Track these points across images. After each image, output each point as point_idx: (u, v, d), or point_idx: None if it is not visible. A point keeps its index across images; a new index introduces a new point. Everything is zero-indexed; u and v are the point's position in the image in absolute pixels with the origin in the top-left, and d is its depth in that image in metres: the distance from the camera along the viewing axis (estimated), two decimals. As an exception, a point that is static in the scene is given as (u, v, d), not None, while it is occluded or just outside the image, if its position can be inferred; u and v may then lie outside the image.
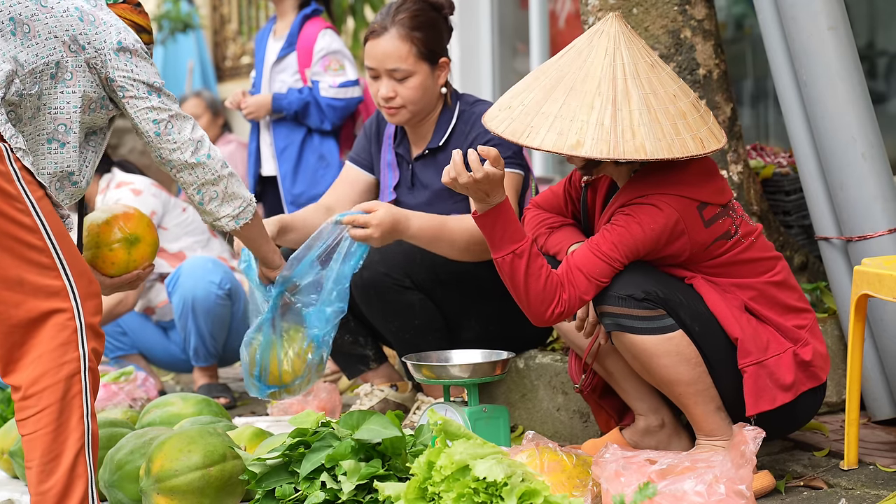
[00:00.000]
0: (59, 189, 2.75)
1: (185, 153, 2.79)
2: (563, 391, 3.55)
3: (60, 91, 2.70)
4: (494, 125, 2.89)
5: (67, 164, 2.73)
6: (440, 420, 2.48)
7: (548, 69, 2.93)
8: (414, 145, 3.66)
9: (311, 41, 5.02)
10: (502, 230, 2.82)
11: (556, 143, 2.80)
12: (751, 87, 6.91)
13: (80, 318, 2.55)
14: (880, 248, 3.34)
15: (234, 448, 2.92)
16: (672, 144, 2.80)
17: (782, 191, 3.96)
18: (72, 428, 2.53)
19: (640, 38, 2.95)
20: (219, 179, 2.85)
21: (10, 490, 3.28)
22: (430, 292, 3.52)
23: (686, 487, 2.52)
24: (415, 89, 3.51)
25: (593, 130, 2.78)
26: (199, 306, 4.45)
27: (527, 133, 2.83)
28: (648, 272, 2.88)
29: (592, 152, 2.77)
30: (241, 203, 2.91)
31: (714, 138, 2.88)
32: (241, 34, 10.90)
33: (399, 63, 3.49)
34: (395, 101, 3.51)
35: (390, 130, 3.71)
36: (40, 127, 2.69)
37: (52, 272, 2.53)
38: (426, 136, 3.62)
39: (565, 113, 2.82)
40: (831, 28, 3.38)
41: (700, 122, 2.88)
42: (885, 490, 2.91)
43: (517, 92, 2.94)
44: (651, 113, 2.81)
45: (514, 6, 7.67)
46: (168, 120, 2.78)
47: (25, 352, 2.53)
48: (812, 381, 2.93)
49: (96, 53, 2.73)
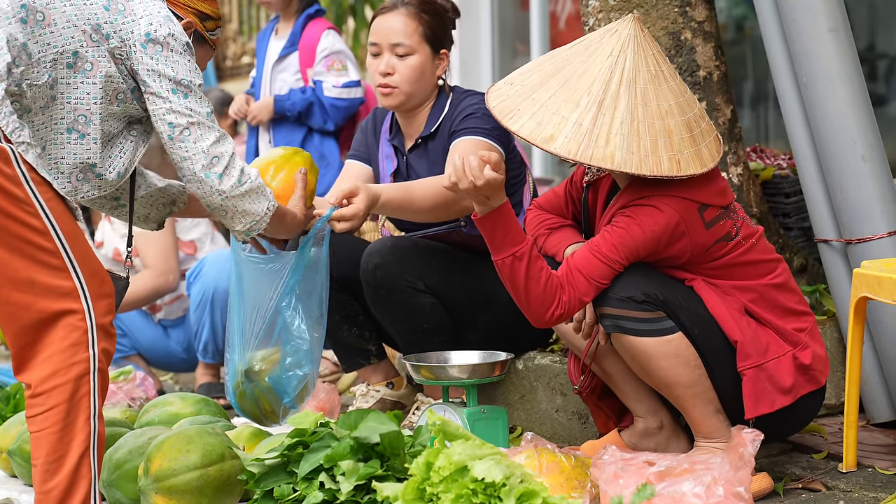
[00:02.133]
0: (82, 180, 2.70)
1: (195, 164, 2.69)
2: (561, 392, 3.55)
3: (80, 81, 2.64)
4: (492, 98, 2.91)
5: (88, 156, 2.67)
6: (439, 421, 2.48)
7: (555, 56, 2.93)
8: (408, 137, 3.68)
9: (313, 41, 5.03)
10: (503, 233, 2.82)
11: (533, 132, 2.81)
12: (751, 89, 6.90)
13: (91, 318, 2.56)
14: (880, 250, 3.34)
15: (232, 448, 2.91)
16: (644, 160, 2.78)
17: (782, 193, 3.96)
18: (78, 428, 2.53)
19: (655, 45, 2.92)
20: (226, 201, 2.75)
21: (8, 489, 3.28)
22: (441, 296, 3.53)
23: (684, 489, 2.52)
24: (413, 69, 3.53)
25: (570, 128, 2.78)
26: (219, 298, 4.48)
27: (511, 114, 2.84)
28: (648, 274, 2.88)
29: (561, 150, 2.78)
30: (252, 219, 2.81)
31: (698, 161, 2.83)
32: (241, 34, 10.90)
33: (403, 38, 3.53)
34: (392, 79, 3.53)
35: (386, 125, 3.73)
36: (57, 116, 2.64)
37: (62, 273, 2.54)
38: (419, 126, 3.64)
39: (551, 104, 2.82)
40: (832, 30, 3.38)
41: (687, 143, 2.84)
42: (884, 492, 2.91)
43: (524, 70, 2.95)
44: (633, 124, 2.80)
45: (514, 7, 7.68)
46: (186, 126, 2.68)
47: (37, 351, 2.55)
48: (811, 384, 2.93)
49: (121, 43, 2.66)
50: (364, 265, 3.50)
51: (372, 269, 3.48)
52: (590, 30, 3.71)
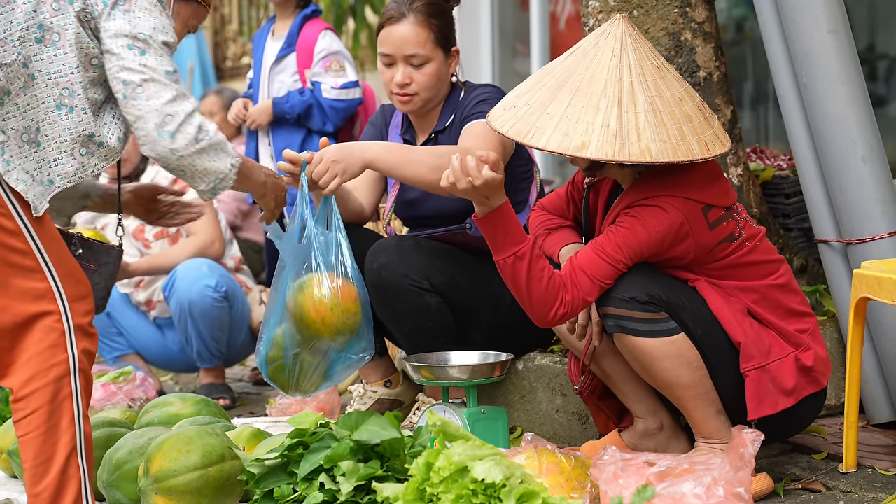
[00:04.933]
0: (86, 154, 2.60)
1: (147, 123, 2.53)
2: (561, 393, 3.55)
3: (54, 55, 2.56)
4: (499, 125, 2.88)
5: (83, 128, 2.58)
6: (439, 421, 2.48)
7: (553, 70, 2.92)
8: (420, 132, 3.67)
9: (311, 42, 5.02)
10: (503, 233, 2.82)
11: (562, 143, 2.79)
12: (751, 90, 6.91)
13: (68, 319, 2.53)
14: (880, 251, 3.34)
15: (232, 448, 2.91)
16: (677, 147, 2.79)
17: (782, 193, 3.96)
18: (62, 430, 2.52)
19: (647, 39, 2.94)
20: (181, 161, 2.58)
21: (8, 490, 3.28)
22: (446, 295, 3.51)
23: (685, 490, 2.52)
24: (430, 76, 3.52)
25: (598, 132, 2.77)
26: (196, 310, 4.46)
27: (532, 133, 2.82)
28: (652, 274, 2.88)
29: (597, 154, 2.76)
30: (215, 177, 2.64)
31: (719, 142, 2.87)
32: (241, 34, 10.90)
33: (418, 48, 3.50)
34: (411, 88, 3.52)
35: (397, 119, 3.72)
36: (42, 95, 2.57)
37: (37, 275, 2.51)
38: (432, 122, 3.63)
39: (571, 114, 2.81)
40: (832, 31, 3.38)
41: (705, 125, 2.87)
42: (884, 493, 2.91)
43: (522, 92, 2.93)
44: (657, 115, 2.81)
45: (514, 7, 7.68)
46: (140, 84, 2.53)
47: (16, 356, 2.53)
48: (813, 386, 2.93)
49: (84, 4, 2.56)
50: (369, 265, 3.47)
51: (377, 268, 3.45)
52: (590, 30, 3.71)
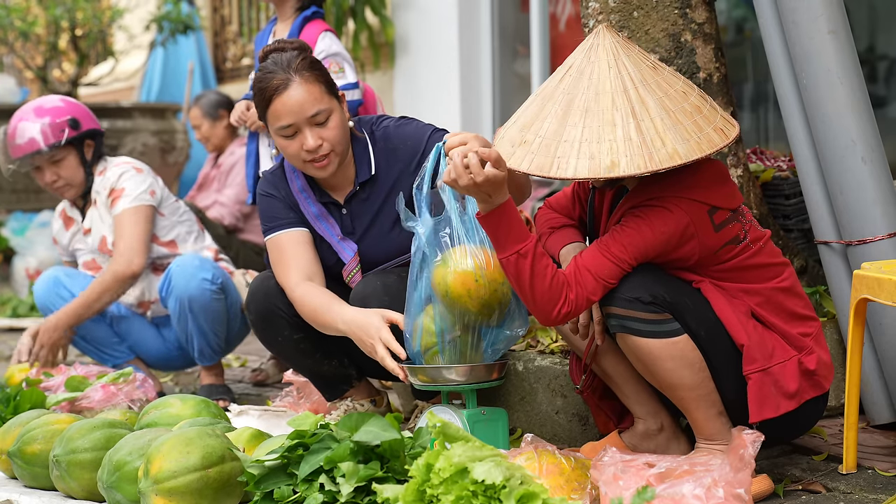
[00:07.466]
0: None
1: None
2: (562, 394, 3.55)
3: None
4: (515, 163, 2.84)
5: None
6: (439, 423, 2.48)
7: (552, 95, 2.88)
8: (337, 189, 3.55)
9: (311, 43, 5.02)
10: (506, 231, 2.81)
11: (591, 168, 2.75)
12: (751, 91, 6.91)
13: None
14: (880, 252, 3.34)
15: (232, 450, 2.91)
16: (700, 142, 2.78)
17: (782, 194, 3.96)
18: None
19: (634, 43, 2.93)
20: None
21: (8, 490, 3.28)
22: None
23: (685, 491, 2.52)
24: (338, 127, 3.40)
25: (623, 147, 2.74)
26: (196, 305, 4.45)
27: (555, 165, 2.78)
28: (656, 275, 2.88)
29: (630, 169, 2.73)
30: None
31: (730, 125, 2.87)
32: (241, 36, 10.90)
33: (318, 105, 3.37)
34: (323, 148, 3.38)
35: (296, 186, 3.56)
36: None
37: None
38: (349, 175, 3.52)
39: (589, 136, 2.77)
40: (831, 32, 3.38)
41: (714, 112, 2.87)
42: (884, 494, 2.91)
43: (526, 124, 2.89)
44: (671, 116, 2.80)
45: (514, 9, 7.68)
46: None
47: None
48: (815, 389, 2.93)
49: None
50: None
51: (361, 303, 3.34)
52: (589, 31, 3.71)
